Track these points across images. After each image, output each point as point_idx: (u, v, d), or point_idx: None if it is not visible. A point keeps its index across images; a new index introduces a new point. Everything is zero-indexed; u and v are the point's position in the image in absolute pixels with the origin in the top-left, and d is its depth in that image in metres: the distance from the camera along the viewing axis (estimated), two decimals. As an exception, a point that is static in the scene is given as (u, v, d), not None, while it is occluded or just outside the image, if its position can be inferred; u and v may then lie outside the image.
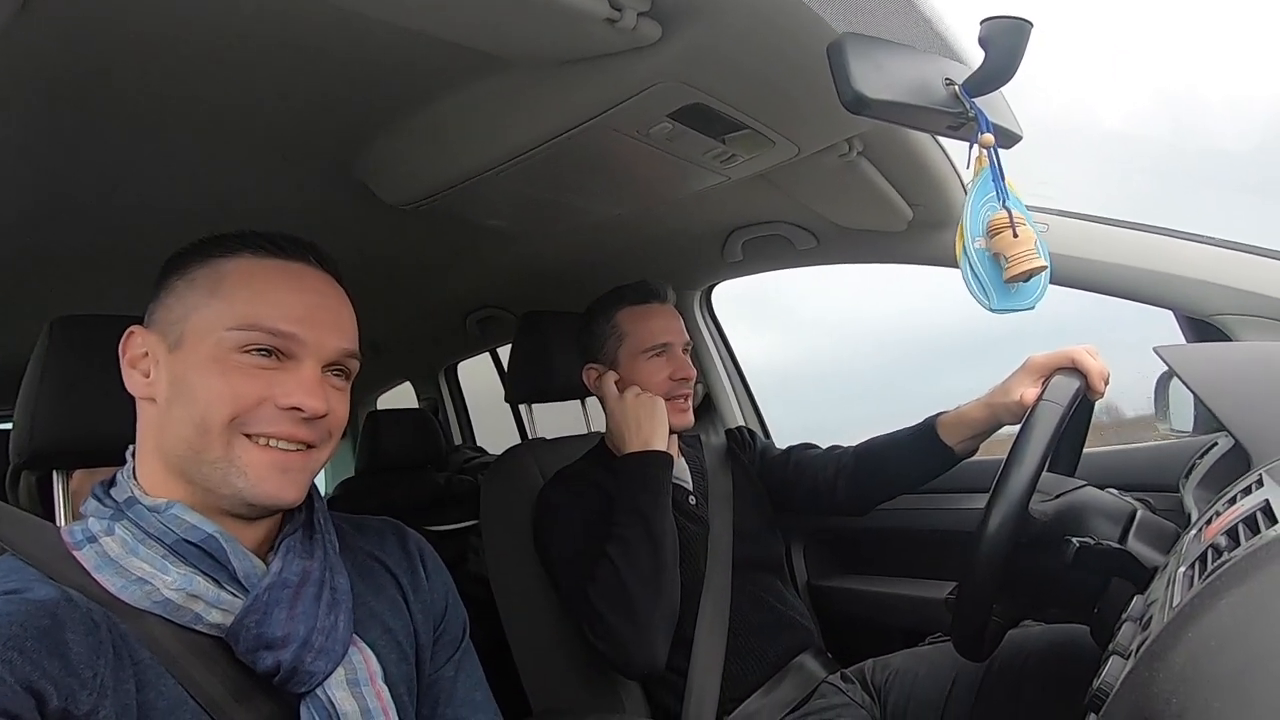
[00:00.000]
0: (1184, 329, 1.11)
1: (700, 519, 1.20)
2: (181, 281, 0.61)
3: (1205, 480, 0.81)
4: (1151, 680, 0.36)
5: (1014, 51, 0.63)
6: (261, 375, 0.58)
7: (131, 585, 0.55)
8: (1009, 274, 0.73)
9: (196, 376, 0.58)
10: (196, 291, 0.60)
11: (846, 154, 1.01)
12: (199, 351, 0.58)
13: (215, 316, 0.59)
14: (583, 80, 0.77)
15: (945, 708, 1.04)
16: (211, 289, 0.60)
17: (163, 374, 0.60)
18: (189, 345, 0.59)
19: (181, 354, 0.59)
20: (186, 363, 0.58)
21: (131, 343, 0.62)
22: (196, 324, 0.59)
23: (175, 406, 0.58)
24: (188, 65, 0.73)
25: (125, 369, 0.62)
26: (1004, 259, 0.73)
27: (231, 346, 0.58)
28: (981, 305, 0.74)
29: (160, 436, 0.60)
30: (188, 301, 0.60)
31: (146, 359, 0.61)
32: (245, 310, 0.59)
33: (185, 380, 0.58)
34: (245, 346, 0.58)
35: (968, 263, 0.73)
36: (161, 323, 0.61)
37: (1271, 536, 0.43)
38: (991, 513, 0.74)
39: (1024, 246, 0.72)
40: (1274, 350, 0.92)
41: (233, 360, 0.58)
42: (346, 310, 0.65)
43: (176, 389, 0.59)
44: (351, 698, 0.59)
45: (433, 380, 2.69)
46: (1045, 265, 0.73)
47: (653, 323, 1.22)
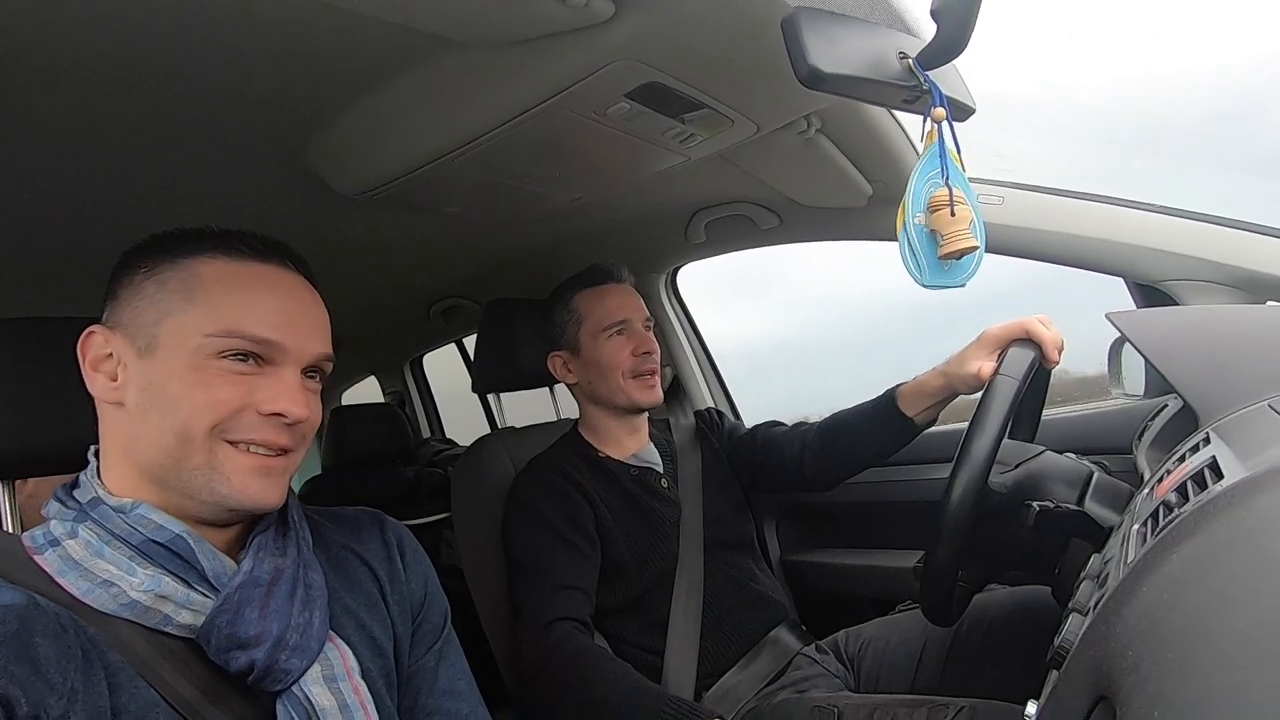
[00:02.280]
0: (1134, 295, 1.15)
1: (671, 501, 1.20)
2: (150, 282, 0.59)
3: (1157, 441, 0.84)
4: (1109, 635, 0.37)
5: (965, 23, 0.63)
6: (242, 381, 0.58)
7: (97, 589, 0.53)
8: (943, 251, 0.74)
9: (175, 384, 0.56)
10: (170, 295, 0.58)
11: (805, 131, 1.01)
12: (176, 358, 0.57)
13: (194, 322, 0.57)
14: (536, 61, 0.75)
15: (916, 672, 1.07)
16: (187, 293, 0.58)
17: (133, 378, 0.58)
18: (165, 351, 0.57)
19: (156, 360, 0.57)
20: (162, 369, 0.57)
21: (92, 343, 0.59)
22: (172, 329, 0.57)
23: (151, 413, 0.57)
24: (127, 56, 0.69)
25: (87, 371, 0.59)
26: (940, 236, 0.74)
27: (211, 353, 0.57)
28: (915, 280, 0.75)
29: (132, 442, 0.58)
30: (160, 305, 0.58)
31: (110, 360, 0.59)
32: (226, 316, 0.58)
33: (162, 388, 0.57)
34: (225, 353, 0.57)
35: (906, 237, 0.74)
36: (129, 324, 0.59)
37: (1218, 491, 0.44)
38: (955, 483, 0.76)
39: (959, 226, 0.73)
40: (1219, 313, 0.95)
41: (212, 367, 0.57)
42: (323, 313, 0.65)
43: (152, 396, 0.57)
44: (329, 693, 0.58)
45: (398, 373, 2.65)
46: (978, 245, 0.75)
47: (609, 301, 1.22)
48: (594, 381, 1.21)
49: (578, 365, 1.23)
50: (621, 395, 1.19)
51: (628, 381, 1.19)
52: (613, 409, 1.22)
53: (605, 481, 1.17)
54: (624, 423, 1.24)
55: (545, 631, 1.00)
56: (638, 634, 1.11)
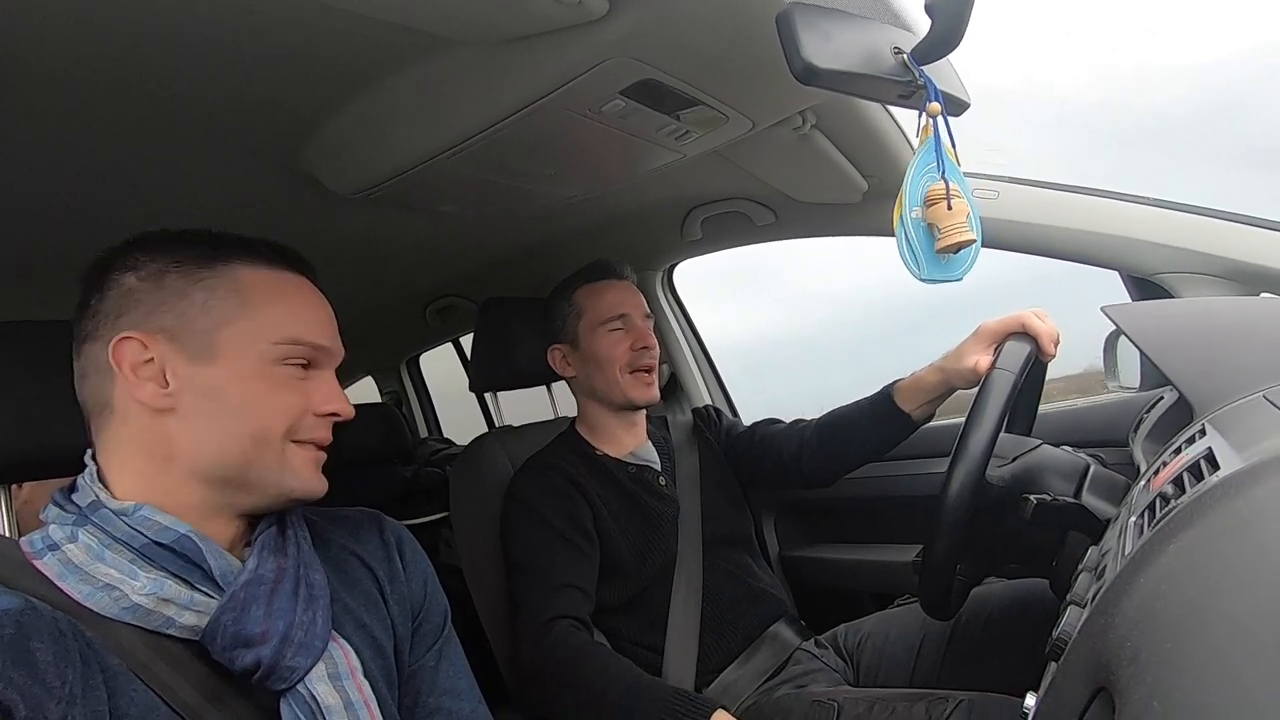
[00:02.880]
0: (1129, 288, 1.15)
1: (670, 499, 1.21)
2: (196, 289, 0.60)
3: (1153, 433, 0.84)
4: (1108, 626, 0.37)
5: (960, 18, 0.63)
6: (299, 386, 0.62)
7: (99, 592, 0.53)
8: (940, 245, 0.74)
9: (243, 390, 0.59)
10: (222, 301, 0.60)
11: (800, 127, 1.01)
12: (241, 365, 0.60)
13: (255, 330, 0.60)
14: (531, 59, 0.75)
15: (915, 666, 1.07)
16: (240, 301, 0.60)
17: (187, 385, 0.59)
18: (228, 359, 0.59)
19: (217, 367, 0.59)
20: (226, 376, 0.59)
21: (129, 349, 0.58)
22: (233, 337, 0.60)
23: (217, 418, 0.59)
24: (122, 56, 0.69)
25: (128, 377, 0.58)
26: (937, 230, 0.74)
27: (274, 359, 0.61)
28: (912, 274, 0.76)
29: (182, 446, 0.58)
30: (214, 313, 0.60)
31: (152, 366, 0.58)
32: (286, 325, 0.62)
33: (227, 393, 0.59)
34: (287, 359, 0.61)
35: (903, 231, 0.75)
36: (175, 329, 0.59)
37: (1214, 482, 0.44)
38: (953, 477, 0.76)
39: (956, 219, 0.74)
40: (1213, 305, 0.96)
41: (276, 373, 0.61)
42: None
43: (215, 401, 0.59)
44: (334, 691, 0.58)
45: (394, 373, 2.65)
46: (975, 239, 0.75)
47: (609, 296, 1.23)
48: (591, 375, 1.22)
49: (577, 359, 1.23)
50: (618, 390, 1.20)
51: (625, 376, 1.19)
52: (609, 405, 1.22)
53: (603, 479, 1.17)
54: (621, 419, 1.24)
55: (545, 630, 1.00)
56: (637, 631, 1.11)
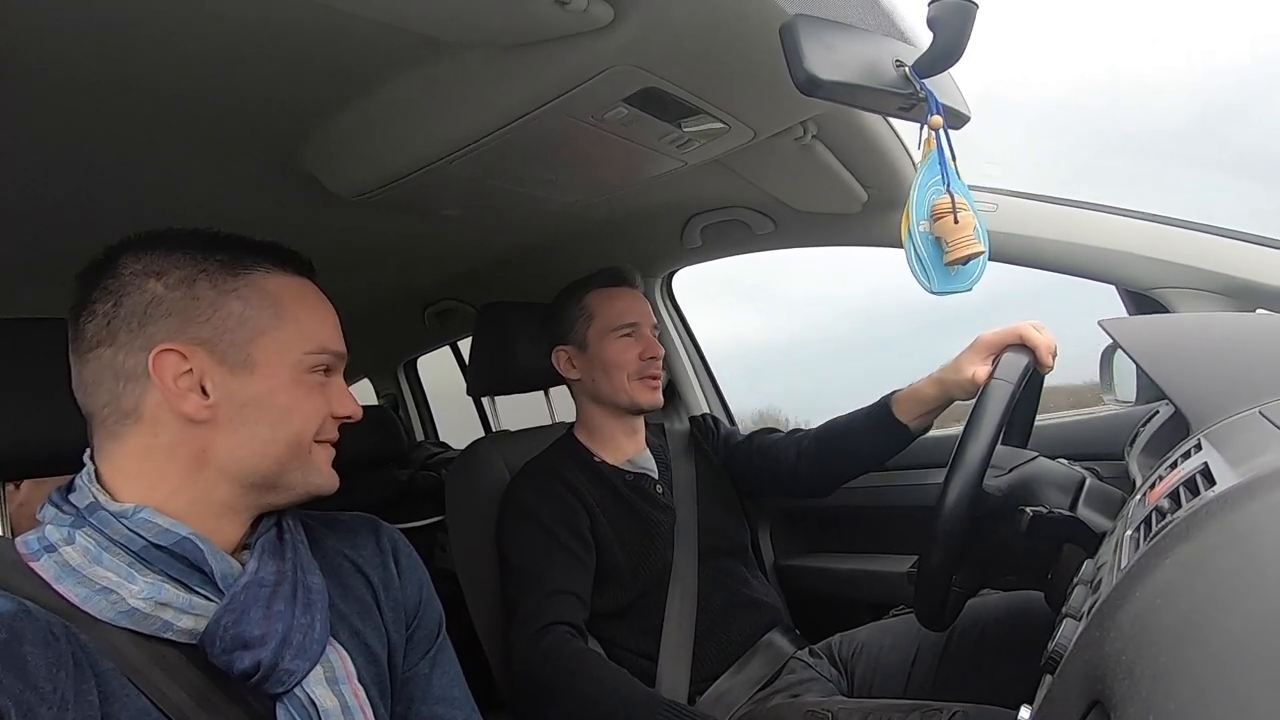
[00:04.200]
0: (1126, 302, 1.16)
1: (666, 508, 1.20)
2: (232, 299, 0.61)
3: (1148, 447, 0.84)
4: (1103, 639, 0.37)
5: (961, 32, 0.64)
6: (321, 391, 0.65)
7: (96, 595, 0.53)
8: (949, 258, 0.75)
9: (284, 398, 0.62)
10: (257, 313, 0.61)
11: (801, 137, 1.02)
12: (280, 374, 0.61)
13: (290, 340, 0.62)
14: (534, 65, 0.75)
15: (910, 676, 1.07)
16: (273, 310, 0.62)
17: (227, 396, 0.60)
18: (265, 368, 0.61)
19: (256, 377, 0.61)
20: (265, 385, 0.61)
21: (169, 361, 0.58)
22: (269, 347, 0.61)
23: (254, 426, 0.60)
24: (123, 58, 0.69)
25: (170, 389, 0.58)
26: (945, 243, 0.75)
27: (307, 368, 0.63)
28: (923, 287, 0.76)
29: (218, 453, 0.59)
30: (251, 324, 0.61)
31: (190, 377, 0.58)
32: (315, 334, 0.64)
33: (269, 402, 0.61)
34: (316, 367, 0.64)
35: (912, 245, 0.75)
36: (214, 343, 0.60)
37: (1210, 497, 0.44)
38: (949, 488, 0.76)
39: (964, 232, 0.74)
40: (1209, 320, 0.96)
41: (308, 380, 0.64)
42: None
43: (255, 410, 0.60)
44: (332, 695, 0.58)
45: (391, 376, 2.64)
46: (983, 250, 0.76)
47: (620, 303, 1.23)
48: (597, 380, 1.22)
49: (583, 361, 1.23)
50: (624, 395, 1.20)
51: (632, 383, 1.20)
52: (613, 409, 1.23)
53: (601, 487, 1.17)
54: (623, 423, 1.24)
55: (539, 636, 0.99)
56: (631, 638, 1.11)
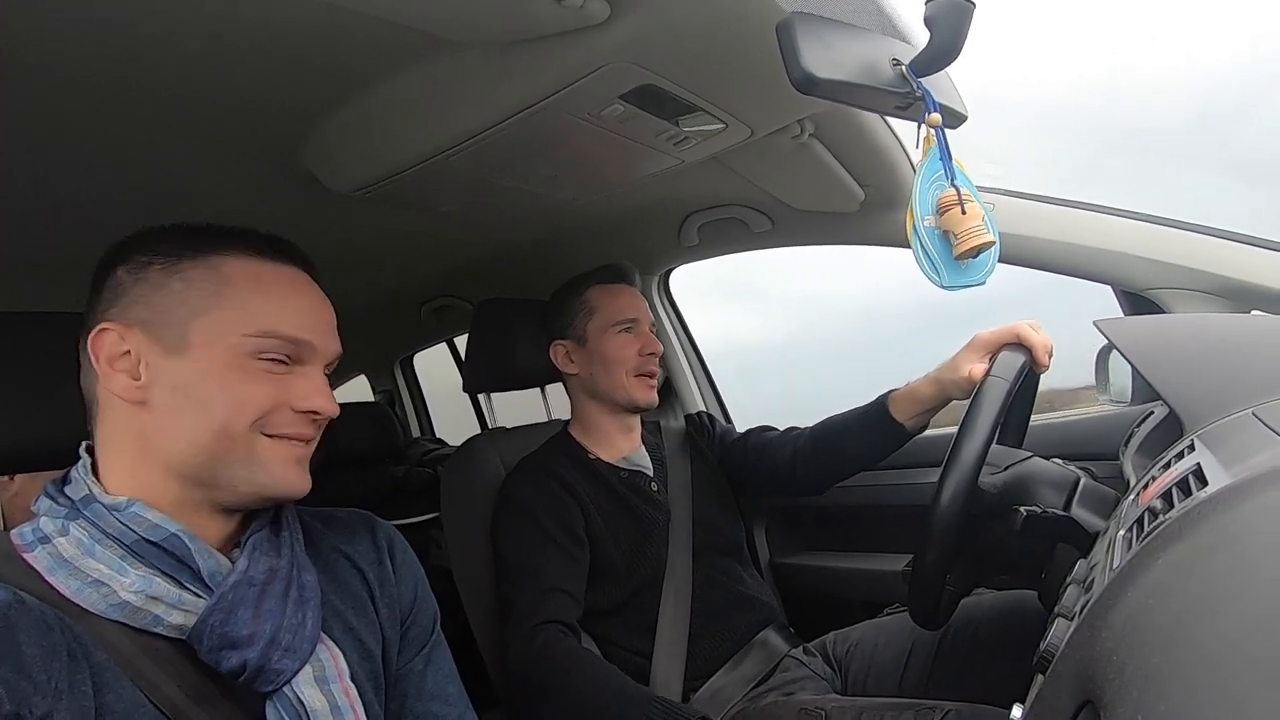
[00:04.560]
0: (1121, 303, 1.16)
1: (661, 505, 1.20)
2: (174, 279, 0.58)
3: (1142, 447, 0.84)
4: (1094, 639, 0.37)
5: (958, 31, 0.64)
6: (276, 380, 0.60)
7: (88, 588, 0.53)
8: (959, 250, 0.74)
9: (213, 383, 0.57)
10: (197, 292, 0.58)
11: (798, 135, 1.02)
12: (212, 358, 0.58)
13: (229, 322, 0.58)
14: (531, 61, 0.75)
15: (903, 675, 1.07)
16: (216, 292, 0.58)
17: (160, 377, 0.57)
18: (198, 350, 0.57)
19: (188, 359, 0.57)
20: (196, 368, 0.57)
21: (106, 341, 0.58)
22: (205, 328, 0.58)
23: (185, 412, 0.57)
24: (121, 54, 0.69)
25: (103, 369, 0.58)
26: (953, 236, 0.74)
27: (248, 353, 0.58)
28: (933, 283, 0.75)
29: (154, 440, 0.57)
30: (190, 303, 0.58)
31: (128, 358, 0.58)
32: (262, 317, 0.59)
33: (198, 386, 0.57)
34: (262, 353, 0.59)
35: (918, 241, 0.74)
36: (152, 321, 0.58)
37: (1202, 498, 0.45)
38: (944, 486, 0.76)
39: (973, 222, 0.73)
40: (1205, 321, 0.96)
41: (250, 366, 0.59)
42: (333, 314, 0.67)
43: (185, 394, 0.57)
44: (320, 695, 0.58)
45: (388, 372, 2.64)
46: (994, 240, 0.75)
47: (621, 299, 1.24)
48: (596, 375, 1.22)
49: (581, 356, 1.23)
50: (622, 392, 1.20)
51: (631, 379, 1.20)
52: (609, 405, 1.22)
53: (595, 484, 1.17)
54: (618, 421, 1.24)
55: (532, 634, 0.99)
56: (626, 636, 1.11)
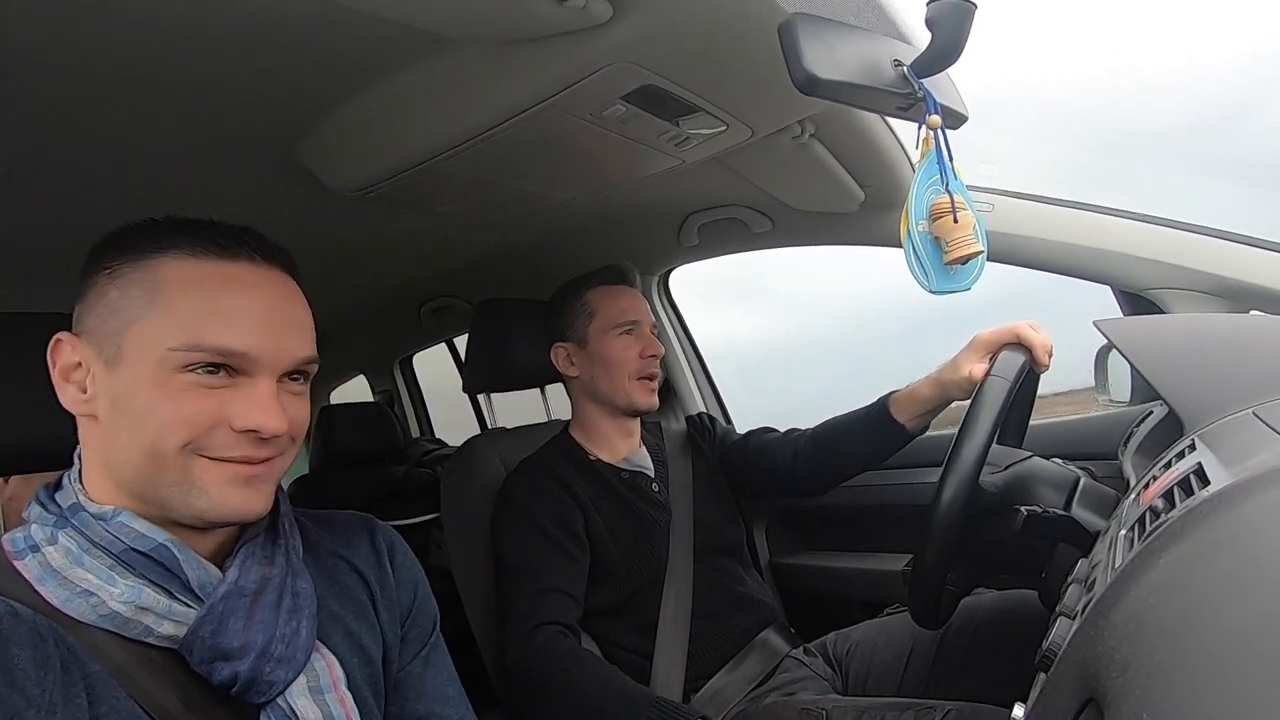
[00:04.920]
0: (1121, 303, 1.16)
1: (662, 505, 1.20)
2: (113, 287, 0.55)
3: (1142, 447, 0.85)
4: (1097, 638, 0.37)
5: (959, 32, 0.64)
6: (212, 395, 0.54)
7: (76, 598, 0.52)
8: (948, 258, 0.75)
9: (141, 400, 0.53)
10: (131, 300, 0.54)
11: (799, 136, 1.02)
12: (139, 371, 0.53)
13: (156, 332, 0.53)
14: (533, 61, 0.75)
15: (904, 675, 1.07)
16: (148, 299, 0.54)
17: (102, 390, 0.54)
18: (129, 363, 0.53)
19: (121, 372, 0.53)
20: (127, 383, 0.53)
21: (61, 352, 0.56)
22: (135, 339, 0.53)
23: (121, 430, 0.53)
24: (118, 51, 0.69)
25: (57, 380, 0.56)
26: (944, 243, 0.75)
27: (176, 366, 0.53)
28: (922, 286, 0.77)
29: (107, 455, 0.55)
30: (123, 312, 0.54)
31: (80, 370, 0.55)
32: (190, 326, 0.53)
33: (129, 402, 0.53)
34: (191, 366, 0.53)
35: (910, 244, 0.75)
36: (94, 332, 0.55)
37: (1204, 497, 0.45)
38: (944, 486, 0.76)
39: (963, 231, 0.74)
40: (1204, 321, 0.97)
41: (178, 381, 0.53)
42: (300, 312, 0.60)
43: (119, 410, 0.53)
44: (314, 705, 0.57)
45: (387, 372, 2.64)
46: (982, 250, 0.76)
47: (623, 301, 1.23)
48: (597, 377, 1.21)
49: (582, 359, 1.23)
50: (623, 394, 1.20)
51: (632, 382, 1.19)
52: (610, 408, 1.22)
53: (596, 484, 1.17)
54: (618, 424, 1.24)
55: (531, 635, 0.99)
56: (626, 636, 1.11)
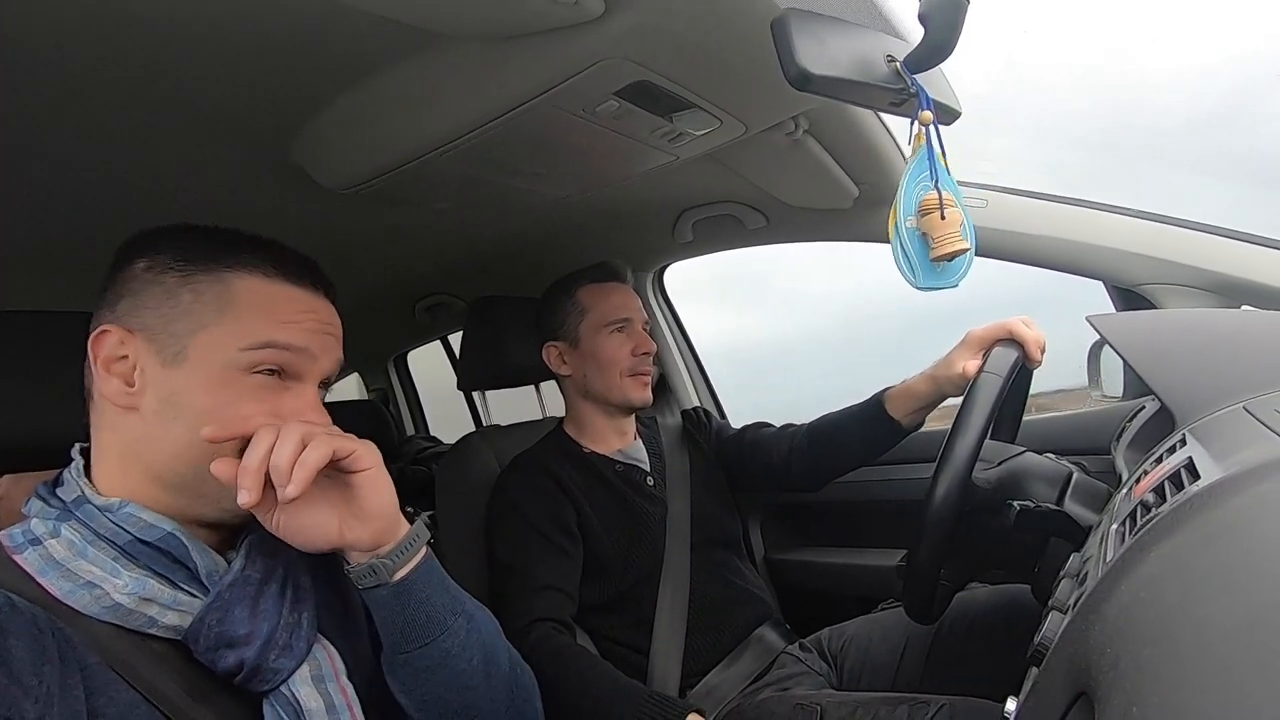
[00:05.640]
0: (1113, 298, 1.17)
1: (659, 500, 1.21)
2: (186, 290, 0.58)
3: (1134, 442, 0.85)
4: (1088, 632, 0.37)
5: (952, 27, 0.64)
6: (267, 397, 0.59)
7: (80, 590, 0.52)
8: (934, 254, 0.75)
9: (202, 398, 0.57)
10: (205, 305, 0.58)
11: (793, 132, 1.02)
12: (206, 372, 0.57)
13: (226, 336, 0.58)
14: (525, 58, 0.75)
15: (898, 669, 1.07)
16: (220, 306, 0.58)
17: (152, 386, 0.57)
18: (194, 364, 0.57)
19: (183, 371, 0.57)
20: (189, 382, 0.57)
21: (106, 343, 0.57)
22: (205, 342, 0.57)
23: (175, 424, 0.56)
24: (110, 48, 0.68)
25: (99, 371, 0.57)
26: (931, 239, 0.75)
27: (243, 367, 0.58)
28: (908, 282, 0.77)
29: (144, 447, 0.57)
30: (196, 316, 0.58)
31: (124, 363, 0.57)
32: (260, 330, 0.58)
33: (187, 400, 0.57)
34: (256, 367, 0.58)
35: (898, 240, 0.75)
36: (156, 330, 0.57)
37: (1194, 491, 0.45)
38: (938, 481, 0.77)
39: (950, 229, 0.74)
40: (1196, 317, 0.97)
41: (242, 383, 0.58)
42: (339, 330, 0.66)
43: (173, 406, 0.57)
44: (317, 694, 0.58)
45: (382, 370, 2.63)
46: (969, 248, 0.76)
47: (614, 298, 1.23)
48: (589, 376, 1.21)
49: (574, 357, 1.23)
50: (616, 392, 1.20)
51: (625, 380, 1.19)
52: (604, 405, 1.22)
53: (590, 478, 1.17)
54: (613, 420, 1.24)
55: (525, 632, 1.00)
56: (622, 631, 1.11)
